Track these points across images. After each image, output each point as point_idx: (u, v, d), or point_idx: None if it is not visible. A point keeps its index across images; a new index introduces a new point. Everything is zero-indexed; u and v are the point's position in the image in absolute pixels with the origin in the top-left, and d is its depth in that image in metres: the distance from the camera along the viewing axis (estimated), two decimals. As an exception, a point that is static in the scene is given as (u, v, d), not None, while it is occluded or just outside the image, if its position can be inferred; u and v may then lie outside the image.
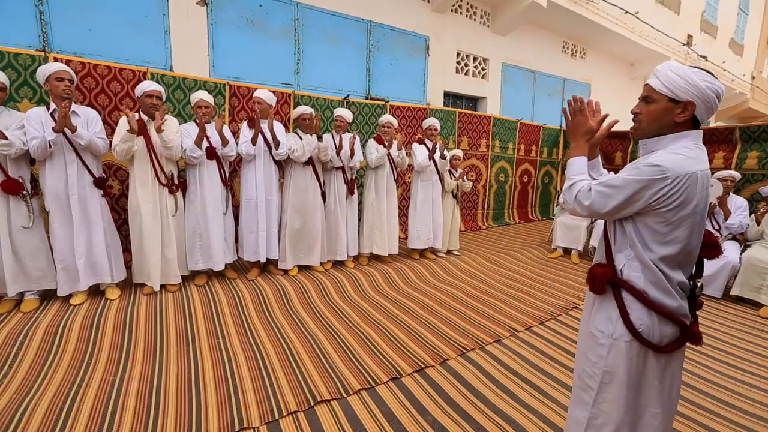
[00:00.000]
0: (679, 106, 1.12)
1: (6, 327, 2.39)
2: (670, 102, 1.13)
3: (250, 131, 3.36)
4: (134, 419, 1.78)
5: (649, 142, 1.20)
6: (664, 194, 1.08)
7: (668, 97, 1.12)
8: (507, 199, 7.07)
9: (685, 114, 1.12)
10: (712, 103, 1.11)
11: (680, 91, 1.10)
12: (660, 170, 1.08)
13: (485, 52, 7.03)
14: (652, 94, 1.16)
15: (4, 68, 3.05)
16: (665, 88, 1.12)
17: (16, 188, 2.55)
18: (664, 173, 1.07)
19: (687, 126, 1.15)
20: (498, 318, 3.01)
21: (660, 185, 1.08)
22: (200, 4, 4.20)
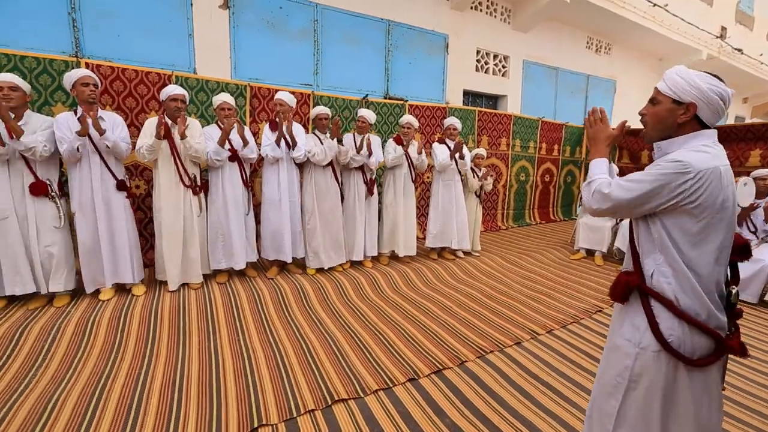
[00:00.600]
0: (682, 107, 1.14)
1: (40, 321, 2.51)
2: (674, 103, 1.15)
3: (272, 134, 3.41)
4: (158, 412, 1.84)
5: (663, 144, 1.20)
6: (686, 189, 1.07)
7: (672, 99, 1.15)
8: (528, 199, 6.93)
9: (687, 115, 1.14)
10: (716, 105, 1.12)
11: (683, 93, 1.13)
12: (682, 165, 1.07)
13: (506, 49, 6.91)
14: (658, 96, 1.19)
15: (40, 74, 3.20)
16: (669, 90, 1.15)
17: (43, 190, 2.65)
18: (686, 168, 1.07)
19: (692, 127, 1.15)
20: (518, 320, 2.95)
21: (682, 179, 1.07)
22: (222, 8, 4.29)
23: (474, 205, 4.53)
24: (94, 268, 2.86)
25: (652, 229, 1.16)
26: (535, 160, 6.84)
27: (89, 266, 2.85)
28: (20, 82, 2.59)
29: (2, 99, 2.48)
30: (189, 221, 3.11)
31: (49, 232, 2.72)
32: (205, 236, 3.28)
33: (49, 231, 2.71)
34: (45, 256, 2.71)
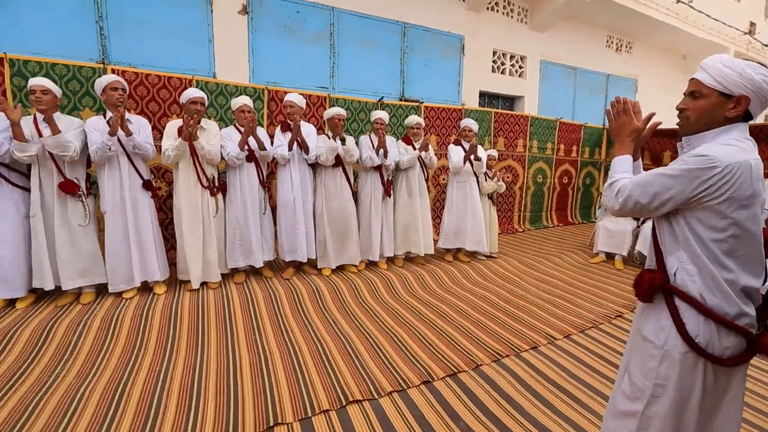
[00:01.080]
0: (732, 100, 1.07)
1: (68, 317, 2.61)
2: (721, 96, 1.07)
3: (283, 135, 3.46)
4: (177, 408, 1.89)
5: (692, 138, 1.15)
6: (713, 184, 1.02)
7: (719, 92, 1.07)
8: (545, 201, 6.83)
9: (738, 109, 1.06)
10: (766, 97, 1.05)
11: (733, 86, 1.05)
12: (708, 159, 1.02)
13: (523, 49, 6.84)
14: (701, 88, 1.11)
15: (69, 80, 3.33)
16: (716, 82, 1.07)
17: (72, 188, 2.77)
18: (712, 162, 1.02)
19: (737, 120, 1.09)
20: (534, 324, 2.91)
21: (708, 174, 1.02)
22: (241, 13, 4.39)
23: (487, 208, 4.49)
24: (122, 266, 2.95)
25: (675, 226, 1.12)
26: (552, 162, 6.73)
27: (117, 264, 2.94)
28: (51, 85, 2.71)
29: (35, 102, 2.61)
30: (207, 221, 3.18)
31: (76, 231, 2.82)
32: (222, 236, 3.35)
33: (76, 229, 2.82)
34: (71, 253, 2.82)
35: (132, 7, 3.89)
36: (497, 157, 4.54)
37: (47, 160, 2.72)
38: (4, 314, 2.65)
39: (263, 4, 4.49)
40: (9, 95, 3.16)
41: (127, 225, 2.93)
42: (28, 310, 2.71)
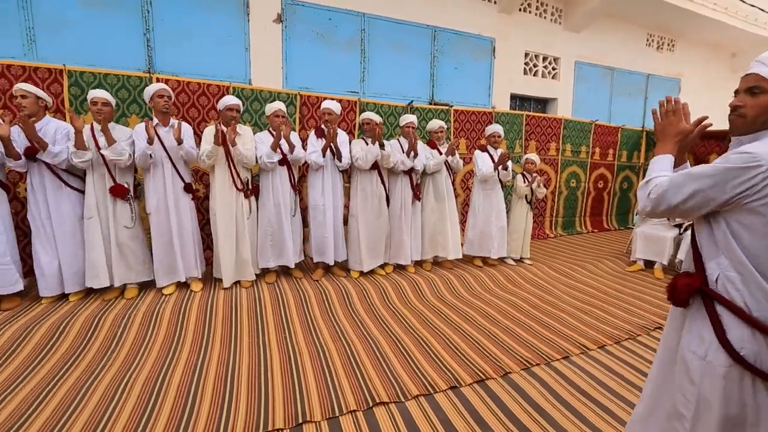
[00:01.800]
0: None
1: (114, 311, 2.78)
2: None
3: (317, 140, 3.54)
4: (212, 400, 1.97)
5: (744, 139, 1.07)
6: (756, 184, 0.95)
7: None
8: (579, 207, 6.60)
9: None
10: None
11: None
12: (752, 157, 0.95)
13: (556, 50, 6.66)
14: (762, 83, 1.02)
15: (119, 89, 3.57)
16: None
17: (122, 192, 2.96)
18: (757, 160, 0.94)
19: None
20: (566, 333, 2.82)
21: (751, 173, 0.95)
22: (276, 22, 4.54)
23: (524, 212, 4.40)
24: (164, 264, 3.13)
25: (716, 229, 1.05)
26: (587, 166, 6.51)
27: (160, 262, 3.12)
28: (110, 97, 2.93)
29: (96, 113, 2.82)
30: (240, 222, 3.30)
31: (124, 231, 3.01)
32: (255, 237, 3.46)
33: (123, 230, 3.01)
34: (119, 252, 3.01)
35: (175, 19, 4.12)
36: (537, 162, 4.42)
37: (101, 165, 2.92)
38: (58, 306, 2.86)
39: (297, 12, 4.63)
40: (66, 103, 3.42)
41: (169, 225, 3.10)
42: (79, 304, 2.91)
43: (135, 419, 1.82)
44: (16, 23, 3.58)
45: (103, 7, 3.86)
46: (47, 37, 3.69)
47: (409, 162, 3.70)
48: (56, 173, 2.85)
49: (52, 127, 2.86)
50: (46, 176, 2.84)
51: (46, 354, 2.34)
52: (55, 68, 3.39)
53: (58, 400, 1.94)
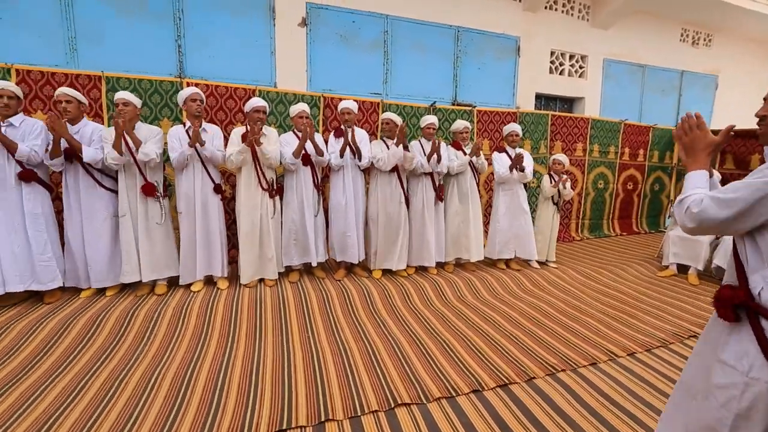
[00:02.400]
0: None
1: (145, 306, 2.90)
2: None
3: (336, 141, 3.58)
4: (237, 395, 2.02)
5: None
6: None
7: None
8: (606, 209, 6.40)
9: None
10: None
11: None
12: None
13: (584, 48, 6.49)
14: None
15: (152, 93, 3.72)
16: None
17: (152, 191, 3.08)
18: None
19: None
20: (594, 339, 2.74)
21: None
22: (301, 25, 4.62)
23: (550, 214, 4.31)
24: (192, 261, 3.24)
25: (760, 240, 1.00)
26: (615, 166, 6.30)
27: (188, 260, 3.23)
28: (131, 97, 3.01)
29: (118, 113, 2.92)
30: (265, 222, 3.37)
31: (154, 229, 3.13)
32: (279, 236, 3.53)
33: (154, 227, 3.13)
34: (150, 249, 3.13)
35: (205, 26, 4.26)
36: (566, 163, 4.31)
37: (132, 165, 3.05)
38: (95, 300, 3.00)
39: (321, 15, 4.70)
40: (104, 108, 3.59)
41: (199, 224, 3.20)
42: (114, 299, 3.05)
43: (165, 411, 1.89)
44: (60, 34, 3.79)
45: (138, 17, 4.04)
46: (87, 46, 3.89)
47: (428, 165, 3.68)
48: (90, 173, 3.00)
49: (89, 129, 3.02)
50: (81, 176, 2.99)
51: (84, 346, 2.47)
52: (94, 75, 3.57)
53: (94, 390, 2.03)
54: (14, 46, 3.63)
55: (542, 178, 4.38)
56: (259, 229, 3.36)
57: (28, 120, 2.88)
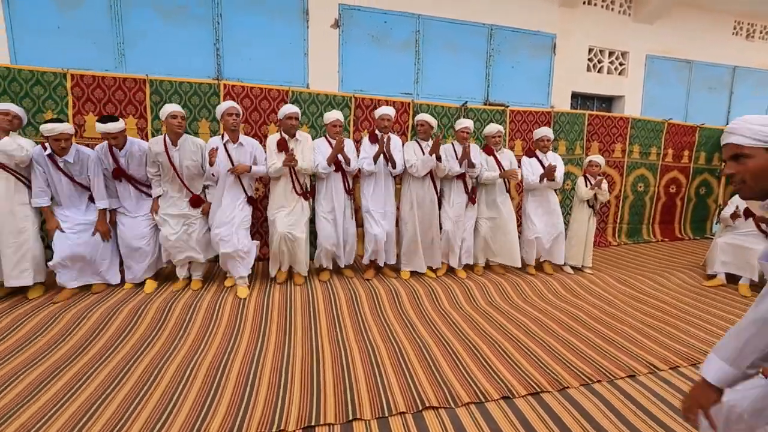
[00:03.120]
0: None
1: (182, 300, 3.02)
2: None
3: (371, 146, 3.56)
4: (268, 389, 2.07)
5: None
6: None
7: (765, 149, 1.04)
8: (646, 213, 6.10)
9: None
10: None
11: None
12: None
13: (625, 44, 6.20)
14: (743, 150, 1.07)
15: (192, 96, 3.87)
16: (756, 141, 1.05)
17: (199, 203, 3.25)
18: None
19: None
20: (632, 350, 2.61)
21: None
22: (333, 27, 4.68)
23: (586, 217, 4.16)
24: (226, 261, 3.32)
25: None
26: (657, 168, 5.99)
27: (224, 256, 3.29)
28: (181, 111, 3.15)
29: (177, 127, 3.05)
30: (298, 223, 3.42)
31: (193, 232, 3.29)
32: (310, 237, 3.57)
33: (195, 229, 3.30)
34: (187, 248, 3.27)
35: (242, 29, 4.39)
36: (602, 164, 4.13)
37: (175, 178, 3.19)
38: (137, 292, 3.17)
39: (353, 16, 4.74)
40: (148, 110, 3.78)
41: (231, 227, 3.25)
42: (153, 292, 3.20)
43: (200, 400, 1.96)
44: (110, 39, 4.02)
45: (180, 22, 4.22)
46: (134, 50, 4.10)
47: (457, 168, 3.63)
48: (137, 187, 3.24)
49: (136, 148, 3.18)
50: (131, 189, 3.23)
51: (127, 335, 2.61)
52: (139, 78, 3.76)
53: (135, 377, 2.14)
54: (70, 53, 3.88)
55: (577, 180, 4.23)
56: (291, 230, 3.40)
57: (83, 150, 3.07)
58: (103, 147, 3.12)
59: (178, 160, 3.11)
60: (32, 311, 2.80)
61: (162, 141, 3.10)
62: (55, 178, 2.99)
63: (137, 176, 3.22)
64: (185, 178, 3.18)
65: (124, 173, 3.14)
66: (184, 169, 3.15)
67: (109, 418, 1.82)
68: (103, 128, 2.95)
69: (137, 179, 3.22)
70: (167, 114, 3.02)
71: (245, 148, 3.29)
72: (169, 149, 3.09)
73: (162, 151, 3.08)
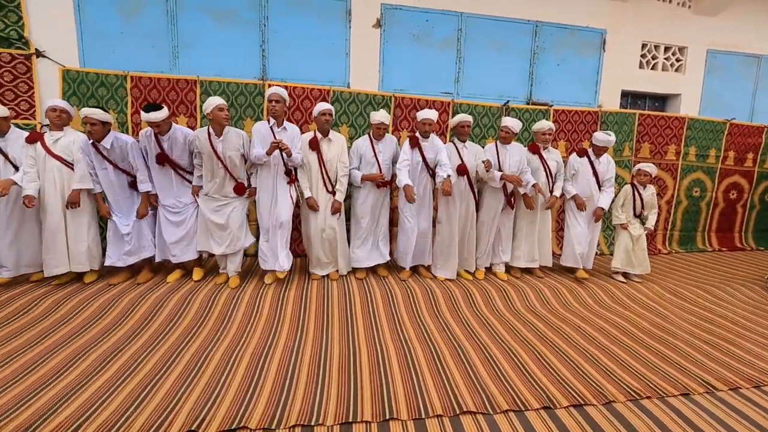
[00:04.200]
0: None
1: (223, 295, 3.13)
2: None
3: (411, 150, 3.45)
4: (306, 384, 2.11)
5: None
6: None
7: None
8: (702, 220, 5.69)
9: None
10: None
11: None
12: None
13: (683, 39, 5.79)
14: None
15: (238, 95, 4.03)
16: None
17: (242, 190, 3.32)
18: None
19: None
20: (686, 367, 2.45)
21: None
22: (375, 27, 4.70)
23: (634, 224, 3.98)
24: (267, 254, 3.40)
25: None
26: (715, 172, 5.57)
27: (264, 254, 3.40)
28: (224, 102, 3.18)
29: (225, 119, 3.10)
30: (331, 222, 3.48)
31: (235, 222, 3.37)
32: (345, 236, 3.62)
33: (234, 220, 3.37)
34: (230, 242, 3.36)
35: (287, 31, 4.50)
36: (653, 173, 3.88)
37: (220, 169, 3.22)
38: (183, 283, 3.34)
39: (395, 16, 4.73)
40: (198, 109, 3.97)
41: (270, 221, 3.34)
42: (198, 284, 3.35)
43: (243, 389, 2.04)
44: (166, 43, 4.26)
45: (230, 24, 4.39)
46: (187, 52, 4.32)
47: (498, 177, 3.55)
48: (179, 173, 3.29)
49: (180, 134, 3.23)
50: (173, 175, 3.29)
51: (175, 323, 2.76)
52: (191, 79, 3.95)
53: (181, 368, 2.26)
54: (131, 56, 4.15)
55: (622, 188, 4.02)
56: (324, 228, 3.46)
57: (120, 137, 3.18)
58: (147, 131, 3.17)
59: (222, 149, 3.15)
60: (92, 297, 3.03)
61: (206, 133, 3.15)
62: (97, 165, 3.13)
63: (180, 162, 3.26)
64: (229, 167, 3.21)
65: (168, 158, 3.20)
66: (227, 159, 3.18)
67: (160, 402, 1.94)
68: (146, 117, 2.99)
69: (180, 165, 3.27)
70: (214, 106, 3.04)
71: (289, 132, 3.30)
72: (214, 140, 3.14)
73: (206, 142, 3.13)
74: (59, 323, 2.69)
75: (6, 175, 3.08)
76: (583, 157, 3.86)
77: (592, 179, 3.82)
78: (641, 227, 3.95)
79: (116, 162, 3.16)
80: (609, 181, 3.85)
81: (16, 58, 3.86)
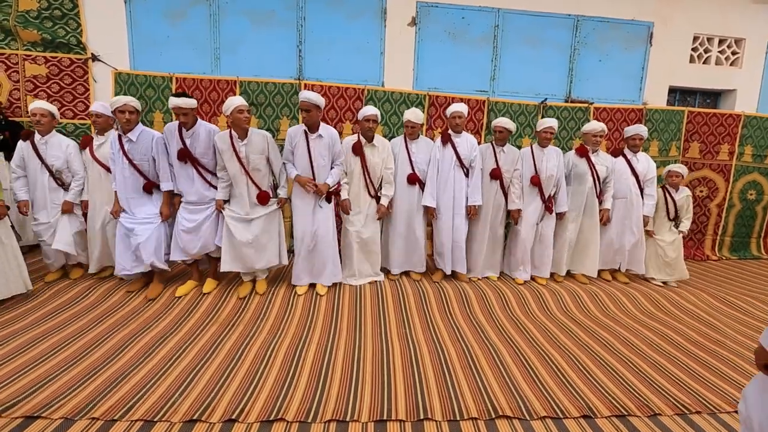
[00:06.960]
0: None
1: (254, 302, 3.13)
2: None
3: (443, 148, 3.43)
4: (341, 381, 2.15)
5: None
6: None
7: None
8: (757, 225, 5.29)
9: None
10: None
11: None
12: None
13: (739, 30, 5.40)
14: None
15: (275, 95, 4.13)
16: None
17: (266, 199, 3.09)
18: None
19: None
20: (739, 381, 2.30)
21: None
22: (410, 25, 4.68)
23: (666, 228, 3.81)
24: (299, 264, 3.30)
25: None
26: (775, 174, 5.17)
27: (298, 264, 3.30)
28: None
29: (245, 122, 2.90)
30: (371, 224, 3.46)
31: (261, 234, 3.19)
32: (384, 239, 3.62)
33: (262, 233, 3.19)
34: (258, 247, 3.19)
35: (322, 31, 4.57)
36: (684, 174, 3.74)
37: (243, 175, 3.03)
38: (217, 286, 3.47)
39: (431, 14, 4.69)
40: (238, 109, 4.09)
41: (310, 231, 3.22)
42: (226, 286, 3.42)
43: (278, 384, 2.10)
44: (208, 45, 4.43)
45: (268, 26, 4.50)
46: (227, 54, 4.47)
47: None
48: (202, 174, 3.08)
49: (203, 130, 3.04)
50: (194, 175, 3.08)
51: (210, 321, 2.87)
52: (231, 80, 4.09)
53: (217, 362, 2.35)
54: (177, 59, 4.35)
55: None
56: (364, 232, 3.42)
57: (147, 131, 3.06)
58: (173, 125, 3.01)
59: (245, 153, 2.96)
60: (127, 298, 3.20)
61: (228, 136, 2.95)
62: (117, 159, 3.00)
63: (202, 160, 3.05)
64: (251, 172, 3.02)
65: (190, 155, 2.99)
66: (250, 163, 2.99)
67: (202, 389, 2.03)
68: (175, 102, 2.82)
69: (201, 164, 3.06)
70: (234, 108, 2.85)
71: (324, 140, 3.10)
72: (236, 143, 2.93)
73: (228, 146, 2.95)
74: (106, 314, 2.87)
75: (40, 180, 3.14)
76: (619, 157, 3.70)
77: (631, 179, 3.65)
78: (676, 232, 3.75)
79: (134, 157, 2.99)
80: (651, 181, 3.66)
81: (74, 62, 4.14)
